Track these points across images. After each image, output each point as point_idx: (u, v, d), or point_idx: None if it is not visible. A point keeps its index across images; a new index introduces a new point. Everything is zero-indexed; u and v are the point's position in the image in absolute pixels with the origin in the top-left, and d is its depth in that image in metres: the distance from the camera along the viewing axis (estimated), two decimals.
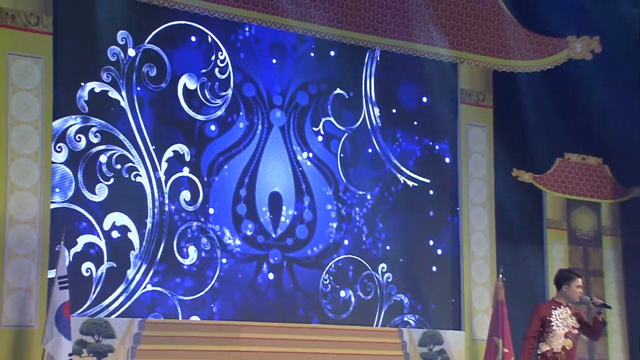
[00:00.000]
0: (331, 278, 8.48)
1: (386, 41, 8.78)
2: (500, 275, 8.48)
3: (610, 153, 9.84)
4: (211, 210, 8.03)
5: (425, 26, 8.85)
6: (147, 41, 7.90)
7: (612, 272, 9.84)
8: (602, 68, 9.32)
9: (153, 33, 7.92)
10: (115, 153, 7.71)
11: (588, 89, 9.30)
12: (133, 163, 7.77)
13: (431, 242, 9.00)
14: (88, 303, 7.43)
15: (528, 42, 9.21)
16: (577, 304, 6.94)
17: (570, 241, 9.68)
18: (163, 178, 7.86)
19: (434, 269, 8.96)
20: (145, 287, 7.68)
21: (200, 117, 8.11)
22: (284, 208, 8.35)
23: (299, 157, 8.51)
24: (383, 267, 8.73)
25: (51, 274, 7.10)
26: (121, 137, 7.73)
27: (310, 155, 8.57)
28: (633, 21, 9.20)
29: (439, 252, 9.02)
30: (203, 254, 7.94)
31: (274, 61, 8.49)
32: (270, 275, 8.21)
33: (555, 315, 6.70)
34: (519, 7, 9.25)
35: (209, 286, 7.93)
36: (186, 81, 8.08)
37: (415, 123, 9.08)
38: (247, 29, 8.36)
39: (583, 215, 9.81)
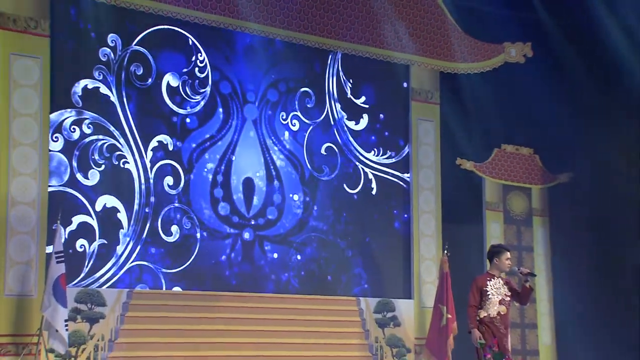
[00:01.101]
0: (298, 253, 8.62)
1: (347, 45, 8.92)
2: (446, 251, 8.66)
3: (541, 145, 10.03)
4: (191, 194, 8.11)
5: (381, 32, 8.97)
6: (134, 43, 7.96)
7: (541, 247, 9.99)
8: (533, 71, 9.52)
9: (140, 36, 7.98)
10: (106, 142, 7.76)
11: (521, 88, 9.49)
12: (122, 151, 7.83)
13: (386, 222, 9.14)
14: (82, 275, 7.52)
15: (470, 47, 9.38)
16: (508, 274, 7.10)
17: (505, 221, 9.83)
18: (149, 165, 7.94)
19: (389, 246, 9.11)
20: (132, 261, 7.77)
21: (181, 111, 8.19)
22: (256, 191, 8.46)
23: (269, 145, 8.62)
24: (343, 243, 8.88)
25: (49, 249, 7.18)
26: (111, 128, 7.79)
27: (280, 144, 8.68)
28: (559, 29, 9.39)
29: (393, 231, 9.18)
30: (184, 232, 8.03)
31: (248, 62, 8.56)
32: (244, 251, 8.31)
33: (491, 286, 6.77)
34: (461, 15, 9.40)
35: (190, 260, 8.03)
36: (169, 79, 8.15)
37: (372, 117, 9.22)
38: (224, 33, 8.43)
39: (517, 198, 9.95)
